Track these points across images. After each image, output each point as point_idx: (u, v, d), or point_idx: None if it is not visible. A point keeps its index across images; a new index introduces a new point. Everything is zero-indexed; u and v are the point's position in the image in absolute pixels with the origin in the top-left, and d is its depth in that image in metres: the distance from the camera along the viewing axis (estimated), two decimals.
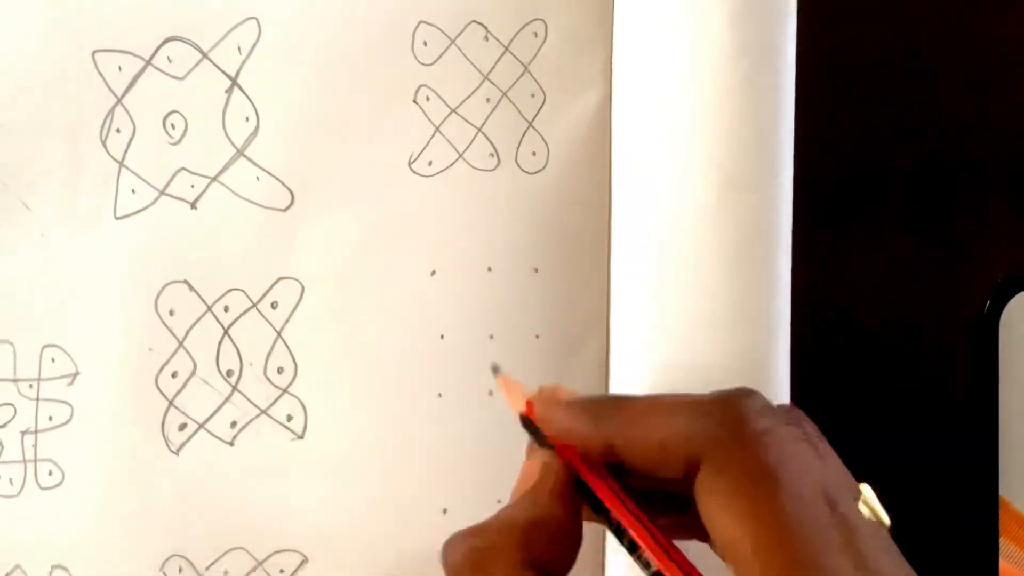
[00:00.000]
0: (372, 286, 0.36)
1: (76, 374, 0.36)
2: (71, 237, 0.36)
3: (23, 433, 0.36)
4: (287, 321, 0.36)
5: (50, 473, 0.36)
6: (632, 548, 0.26)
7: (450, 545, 0.26)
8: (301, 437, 0.36)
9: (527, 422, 0.29)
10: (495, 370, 0.32)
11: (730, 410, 0.26)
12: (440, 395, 0.36)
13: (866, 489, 0.29)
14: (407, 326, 0.36)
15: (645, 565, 0.26)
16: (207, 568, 0.36)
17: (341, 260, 0.36)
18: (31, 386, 0.36)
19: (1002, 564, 0.40)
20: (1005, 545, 0.40)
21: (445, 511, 0.36)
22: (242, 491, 0.36)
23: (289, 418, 0.36)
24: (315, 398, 0.36)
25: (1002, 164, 0.41)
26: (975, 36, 0.41)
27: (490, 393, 0.36)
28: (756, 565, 0.24)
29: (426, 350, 0.36)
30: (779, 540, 0.23)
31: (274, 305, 0.36)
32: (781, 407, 0.28)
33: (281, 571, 0.36)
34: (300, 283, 0.36)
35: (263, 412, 0.36)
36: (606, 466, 0.27)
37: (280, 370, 0.36)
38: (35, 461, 0.36)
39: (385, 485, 0.36)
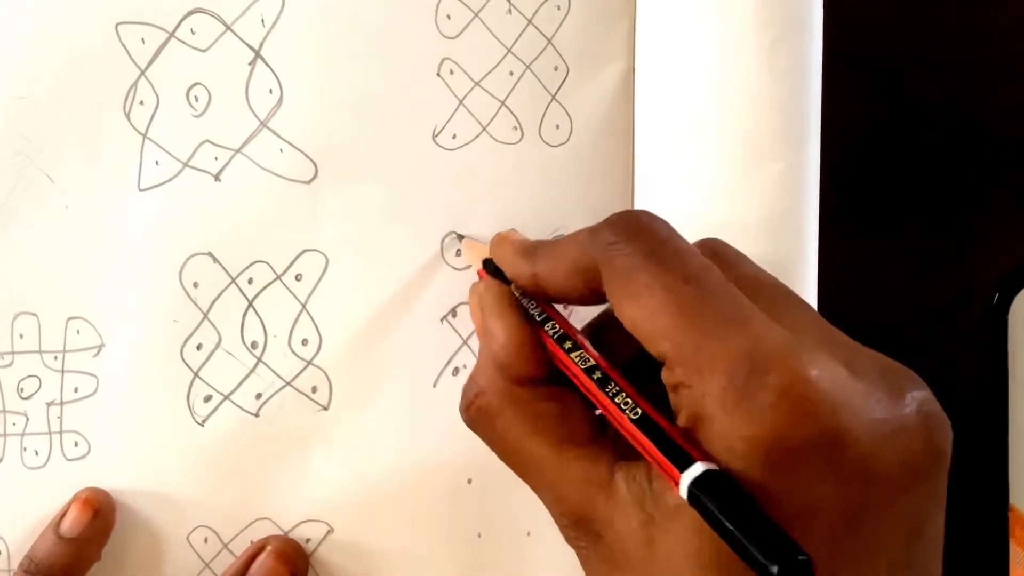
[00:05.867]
0: (396, 258, 0.36)
1: (101, 346, 0.36)
2: (95, 209, 0.36)
3: (48, 404, 0.36)
4: (311, 293, 0.36)
5: (76, 444, 0.36)
6: (573, 348, 0.28)
7: (461, 404, 0.29)
8: (326, 408, 0.36)
9: (488, 265, 0.32)
10: (459, 237, 0.36)
11: (618, 218, 0.27)
12: (465, 366, 0.36)
13: None
14: (431, 298, 0.36)
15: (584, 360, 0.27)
16: (233, 539, 0.36)
17: (365, 232, 0.36)
18: (56, 358, 0.36)
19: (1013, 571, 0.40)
20: (1014, 550, 0.40)
21: (470, 481, 0.36)
22: (267, 462, 0.36)
23: (314, 390, 0.36)
24: (340, 370, 0.36)
25: (1010, 156, 0.41)
26: (982, 28, 0.41)
27: None
28: (659, 337, 0.24)
29: (450, 322, 0.36)
30: (678, 306, 0.24)
31: (298, 277, 0.36)
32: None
33: (307, 541, 0.36)
34: (324, 255, 0.36)
35: (288, 384, 0.36)
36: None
37: (305, 342, 0.36)
38: (60, 432, 0.36)
39: (410, 455, 0.36)
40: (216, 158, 0.36)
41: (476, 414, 0.28)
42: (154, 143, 0.36)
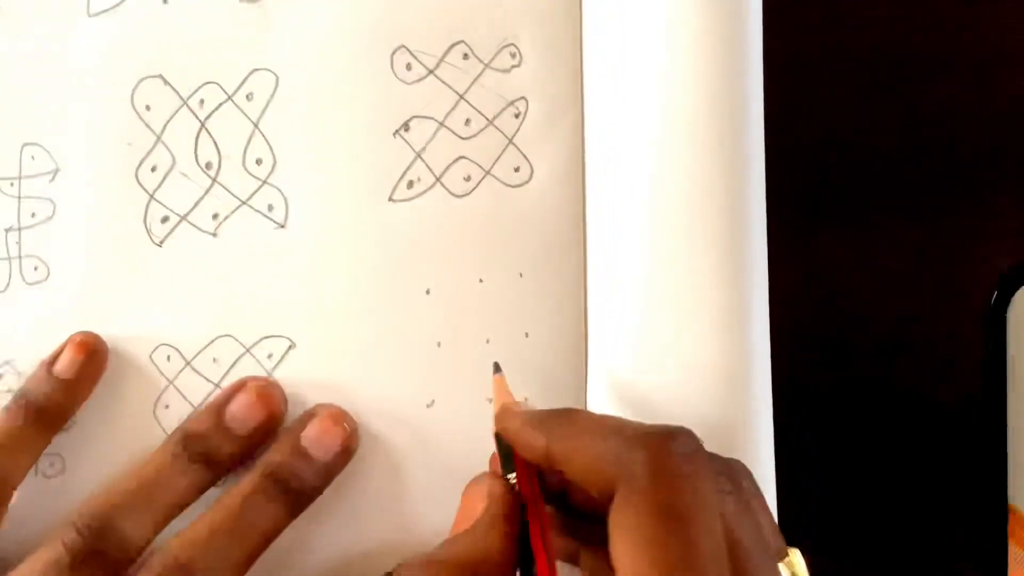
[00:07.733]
0: (346, 74, 0.36)
1: (57, 171, 0.36)
2: (45, 35, 0.36)
3: (7, 231, 0.36)
4: (263, 112, 0.36)
5: (35, 269, 0.36)
6: None
7: None
8: (283, 226, 0.36)
9: (498, 442, 0.30)
10: (496, 368, 0.33)
11: (655, 445, 0.25)
12: (419, 179, 0.36)
13: (795, 555, 0.28)
14: (382, 112, 0.36)
15: None
16: (196, 356, 0.36)
17: (314, 49, 0.36)
18: (12, 184, 0.36)
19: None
20: (1013, 550, 0.39)
21: (428, 291, 0.36)
22: (227, 280, 0.36)
23: (270, 208, 0.36)
24: (295, 188, 0.36)
25: (1008, 154, 0.41)
26: (981, 26, 0.40)
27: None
28: None
29: (402, 136, 0.36)
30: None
31: (249, 97, 0.36)
32: (724, 459, 0.28)
33: (269, 356, 0.36)
34: (275, 74, 0.36)
35: (244, 203, 0.36)
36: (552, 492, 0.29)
37: (259, 161, 0.36)
38: (20, 257, 0.36)
39: (368, 269, 0.36)
40: None
41: None
42: None
